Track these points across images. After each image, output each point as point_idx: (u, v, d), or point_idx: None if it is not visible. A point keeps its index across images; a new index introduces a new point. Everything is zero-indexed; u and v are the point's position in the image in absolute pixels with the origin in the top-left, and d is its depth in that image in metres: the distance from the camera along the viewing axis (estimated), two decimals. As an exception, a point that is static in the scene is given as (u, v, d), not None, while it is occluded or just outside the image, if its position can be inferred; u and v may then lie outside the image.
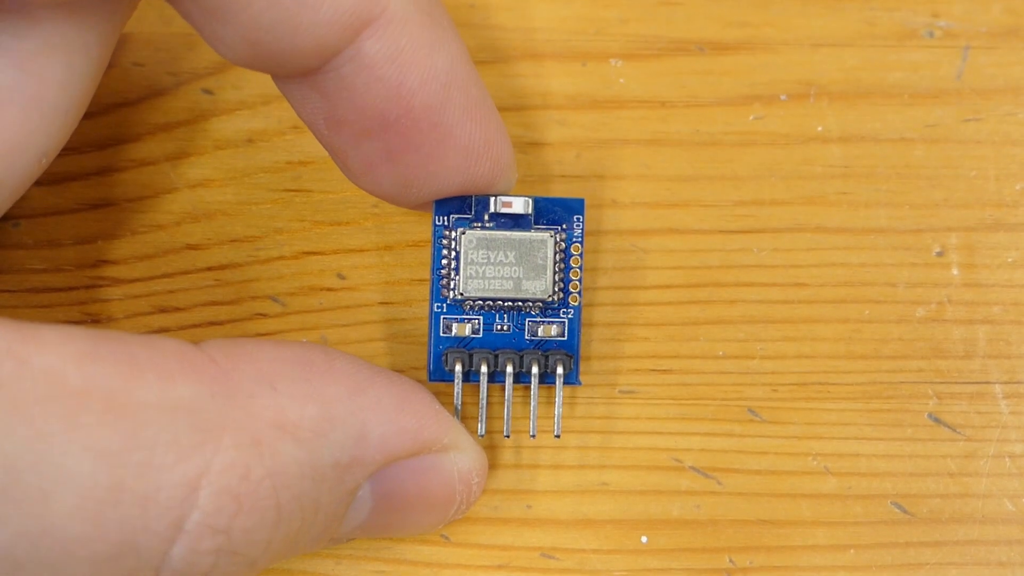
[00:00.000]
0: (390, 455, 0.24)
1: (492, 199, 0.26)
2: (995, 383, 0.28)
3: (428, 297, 0.28)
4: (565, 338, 0.27)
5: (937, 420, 0.28)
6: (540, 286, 0.26)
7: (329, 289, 0.29)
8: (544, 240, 0.26)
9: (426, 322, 0.29)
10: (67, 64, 0.24)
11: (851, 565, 0.28)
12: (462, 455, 0.26)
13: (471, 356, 0.27)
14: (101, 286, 0.29)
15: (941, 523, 0.28)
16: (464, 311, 0.27)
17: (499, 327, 0.27)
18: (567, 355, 0.27)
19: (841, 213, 0.29)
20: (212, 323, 0.29)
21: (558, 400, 0.27)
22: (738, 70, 0.29)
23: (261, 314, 0.29)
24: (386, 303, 0.29)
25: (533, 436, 0.27)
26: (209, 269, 0.29)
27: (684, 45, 0.30)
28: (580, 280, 0.27)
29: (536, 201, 0.27)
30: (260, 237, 0.29)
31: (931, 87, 0.29)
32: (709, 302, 0.29)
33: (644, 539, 0.28)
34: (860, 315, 0.29)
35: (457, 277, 0.26)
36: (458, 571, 0.28)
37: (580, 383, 0.27)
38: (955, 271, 0.29)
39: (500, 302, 0.27)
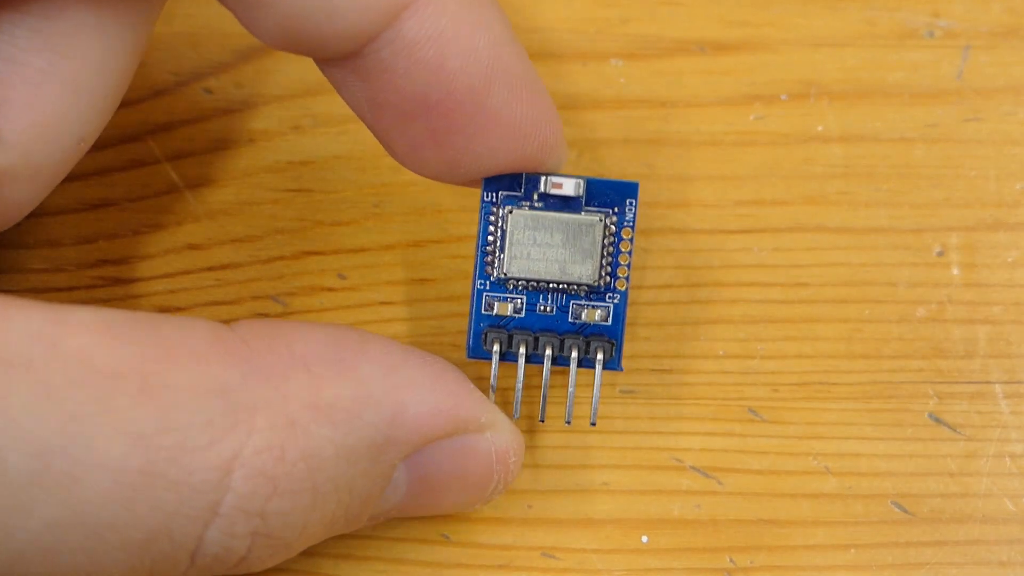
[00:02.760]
0: (426, 435, 0.24)
1: (543, 179, 0.26)
2: (995, 383, 0.28)
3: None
4: (609, 323, 0.26)
5: (937, 420, 0.28)
6: (586, 270, 0.26)
7: (330, 289, 0.29)
8: (593, 224, 0.26)
9: (428, 322, 0.29)
10: (103, 46, 0.24)
11: (852, 565, 0.28)
12: (498, 435, 0.25)
13: (511, 336, 0.26)
14: (102, 286, 0.29)
15: (942, 523, 0.28)
16: (507, 290, 0.26)
17: (542, 308, 0.26)
18: (609, 341, 0.26)
19: (841, 213, 0.29)
20: (213, 323, 0.29)
21: (596, 386, 0.26)
22: (738, 70, 0.29)
23: (262, 314, 0.29)
24: (387, 303, 0.29)
25: (568, 423, 0.27)
26: (210, 269, 0.29)
27: (685, 45, 0.30)
28: (629, 265, 0.26)
29: (588, 183, 0.26)
30: (261, 237, 0.29)
31: (931, 87, 0.29)
32: (709, 302, 0.29)
33: (645, 539, 0.28)
34: (860, 315, 0.29)
35: (502, 256, 0.26)
36: (459, 571, 0.28)
37: (622, 369, 0.27)
38: (955, 271, 0.29)
39: (544, 283, 0.26)
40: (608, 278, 0.26)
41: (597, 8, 0.30)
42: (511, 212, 0.26)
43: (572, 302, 0.26)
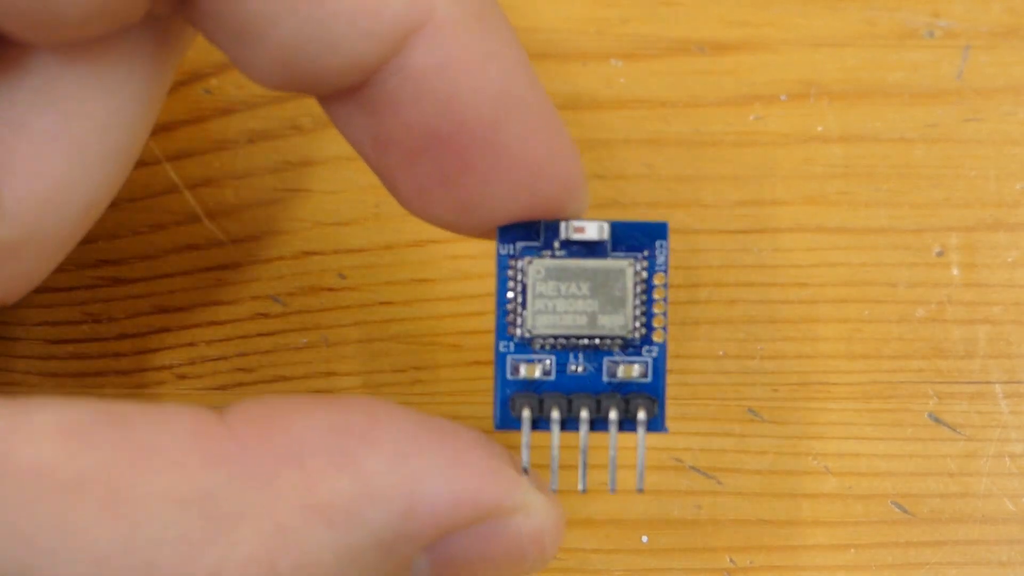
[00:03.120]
0: (445, 527, 0.21)
1: (563, 224, 0.23)
2: (995, 383, 0.28)
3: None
4: (648, 379, 0.24)
5: (937, 420, 0.28)
6: (618, 321, 0.23)
7: (330, 289, 0.29)
8: (622, 269, 0.23)
9: (428, 322, 0.29)
10: (110, 105, 0.22)
11: (851, 565, 0.28)
12: (530, 517, 0.22)
13: (541, 401, 0.23)
14: (102, 286, 0.29)
15: (941, 523, 0.28)
16: (534, 350, 0.24)
17: (573, 368, 0.24)
18: (650, 398, 0.24)
19: (841, 213, 0.29)
20: (213, 323, 0.29)
21: (640, 450, 0.23)
22: (738, 70, 0.29)
23: (262, 314, 0.29)
24: (387, 303, 0.29)
25: (613, 491, 0.24)
26: (209, 269, 0.29)
27: (684, 45, 0.30)
28: (665, 314, 0.24)
29: (613, 226, 0.24)
30: (260, 237, 0.29)
31: (931, 87, 0.29)
32: (709, 302, 0.29)
33: (644, 539, 0.28)
34: (860, 315, 0.29)
35: (524, 312, 0.23)
36: (458, 571, 0.28)
37: (666, 430, 0.24)
38: (955, 271, 0.29)
39: (574, 340, 0.23)
40: (643, 329, 0.24)
41: (597, 8, 0.30)
42: (531, 263, 0.23)
43: (606, 359, 0.24)
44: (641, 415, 0.23)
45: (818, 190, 0.29)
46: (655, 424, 0.24)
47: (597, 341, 0.24)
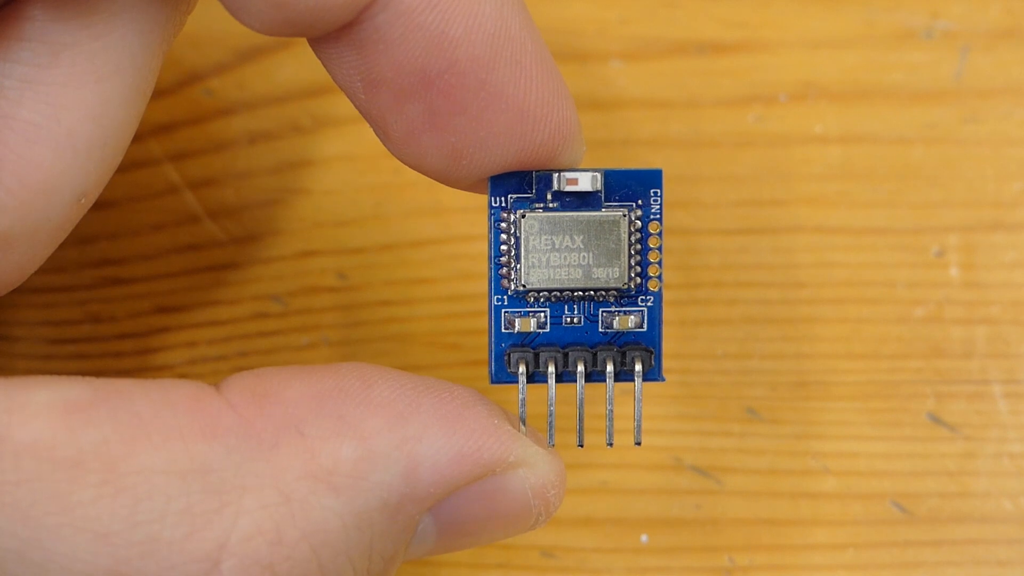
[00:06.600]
0: (448, 486, 0.21)
1: (555, 175, 0.23)
2: (994, 383, 0.28)
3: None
4: (644, 329, 0.23)
5: (936, 419, 0.28)
6: (614, 273, 0.23)
7: (330, 289, 0.29)
8: (616, 220, 0.23)
9: (428, 322, 0.29)
10: (100, 94, 0.22)
11: (850, 564, 0.28)
12: (532, 471, 0.22)
13: (536, 355, 0.23)
14: (103, 286, 0.29)
15: (940, 522, 0.28)
16: (528, 303, 0.23)
17: (569, 319, 0.23)
18: (646, 349, 0.23)
19: (840, 213, 0.29)
20: (213, 323, 0.29)
21: (637, 401, 0.23)
22: (737, 71, 0.29)
23: (262, 314, 0.29)
24: (387, 303, 0.29)
25: (610, 445, 0.24)
26: (210, 269, 0.29)
27: (684, 46, 0.30)
28: (660, 263, 0.23)
29: (606, 175, 0.23)
30: (260, 237, 0.29)
31: (930, 88, 0.29)
32: (708, 302, 0.29)
33: (644, 538, 0.28)
34: (859, 315, 0.29)
35: (518, 266, 0.23)
36: (458, 570, 0.28)
37: (663, 379, 0.24)
38: (954, 271, 0.29)
39: (569, 292, 0.23)
40: (638, 279, 0.23)
41: (597, 9, 0.30)
42: (524, 216, 0.23)
43: (601, 310, 0.24)
44: (638, 367, 0.23)
45: (817, 190, 0.29)
46: (652, 374, 0.24)
47: (592, 293, 0.23)
